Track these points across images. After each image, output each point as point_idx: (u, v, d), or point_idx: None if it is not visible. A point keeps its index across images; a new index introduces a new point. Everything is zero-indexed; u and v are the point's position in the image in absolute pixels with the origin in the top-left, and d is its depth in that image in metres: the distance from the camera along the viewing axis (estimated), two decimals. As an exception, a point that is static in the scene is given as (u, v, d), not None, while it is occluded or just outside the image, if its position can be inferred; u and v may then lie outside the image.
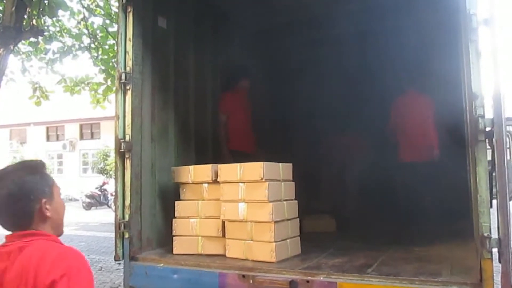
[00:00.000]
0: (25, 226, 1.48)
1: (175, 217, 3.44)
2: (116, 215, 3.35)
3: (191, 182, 3.43)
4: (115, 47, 5.90)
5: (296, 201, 3.38)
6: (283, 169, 3.27)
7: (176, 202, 3.47)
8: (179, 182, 3.51)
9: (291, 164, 3.39)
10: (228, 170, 3.24)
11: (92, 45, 8.15)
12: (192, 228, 3.36)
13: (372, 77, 5.43)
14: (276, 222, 3.04)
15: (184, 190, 3.49)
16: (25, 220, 1.48)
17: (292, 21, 5.26)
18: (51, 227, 1.53)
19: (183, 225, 3.39)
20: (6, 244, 1.47)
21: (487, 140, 2.31)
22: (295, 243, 3.28)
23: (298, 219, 3.35)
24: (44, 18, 6.95)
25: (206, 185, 3.39)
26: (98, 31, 8.15)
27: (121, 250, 3.29)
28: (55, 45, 8.29)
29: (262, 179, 3.03)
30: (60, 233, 1.59)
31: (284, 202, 3.22)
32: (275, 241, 3.00)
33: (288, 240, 3.17)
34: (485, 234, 2.25)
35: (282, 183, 3.24)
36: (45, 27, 7.30)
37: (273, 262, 2.96)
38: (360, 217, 4.83)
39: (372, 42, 5.28)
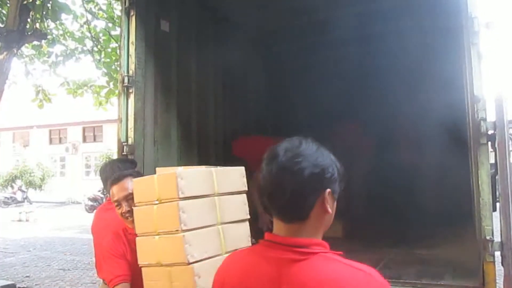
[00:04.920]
0: None
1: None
2: (118, 218, 3.35)
3: None
4: (118, 51, 5.93)
5: (247, 223, 2.22)
6: (222, 177, 2.15)
7: None
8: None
9: (242, 168, 2.29)
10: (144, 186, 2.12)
11: (95, 48, 8.18)
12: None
13: (373, 80, 5.43)
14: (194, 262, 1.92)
15: None
16: None
17: (293, 25, 5.27)
18: None
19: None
20: None
21: (489, 143, 2.31)
22: None
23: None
24: (47, 21, 6.99)
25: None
26: (100, 35, 8.19)
27: (124, 253, 3.27)
28: (58, 48, 8.33)
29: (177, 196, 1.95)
30: None
31: (220, 226, 2.07)
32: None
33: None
34: (488, 237, 2.25)
35: (216, 197, 2.10)
36: (48, 31, 7.33)
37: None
38: (363, 220, 4.82)
39: (374, 45, 5.28)
